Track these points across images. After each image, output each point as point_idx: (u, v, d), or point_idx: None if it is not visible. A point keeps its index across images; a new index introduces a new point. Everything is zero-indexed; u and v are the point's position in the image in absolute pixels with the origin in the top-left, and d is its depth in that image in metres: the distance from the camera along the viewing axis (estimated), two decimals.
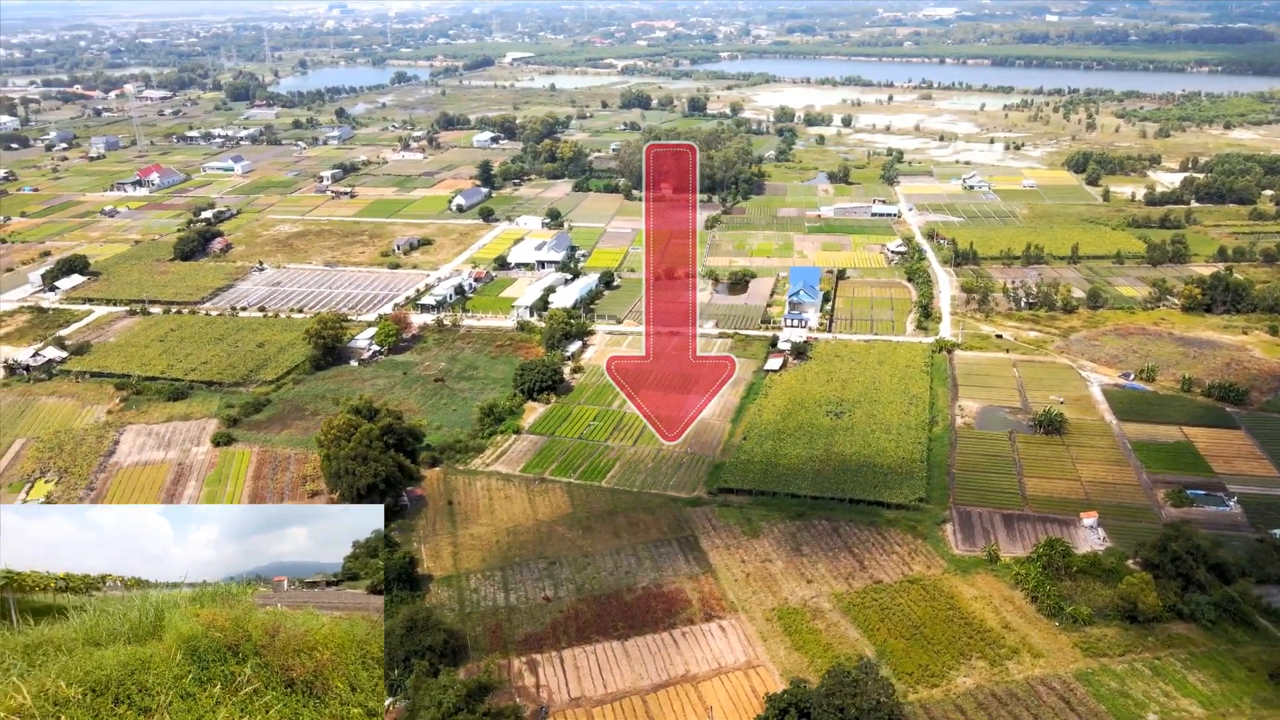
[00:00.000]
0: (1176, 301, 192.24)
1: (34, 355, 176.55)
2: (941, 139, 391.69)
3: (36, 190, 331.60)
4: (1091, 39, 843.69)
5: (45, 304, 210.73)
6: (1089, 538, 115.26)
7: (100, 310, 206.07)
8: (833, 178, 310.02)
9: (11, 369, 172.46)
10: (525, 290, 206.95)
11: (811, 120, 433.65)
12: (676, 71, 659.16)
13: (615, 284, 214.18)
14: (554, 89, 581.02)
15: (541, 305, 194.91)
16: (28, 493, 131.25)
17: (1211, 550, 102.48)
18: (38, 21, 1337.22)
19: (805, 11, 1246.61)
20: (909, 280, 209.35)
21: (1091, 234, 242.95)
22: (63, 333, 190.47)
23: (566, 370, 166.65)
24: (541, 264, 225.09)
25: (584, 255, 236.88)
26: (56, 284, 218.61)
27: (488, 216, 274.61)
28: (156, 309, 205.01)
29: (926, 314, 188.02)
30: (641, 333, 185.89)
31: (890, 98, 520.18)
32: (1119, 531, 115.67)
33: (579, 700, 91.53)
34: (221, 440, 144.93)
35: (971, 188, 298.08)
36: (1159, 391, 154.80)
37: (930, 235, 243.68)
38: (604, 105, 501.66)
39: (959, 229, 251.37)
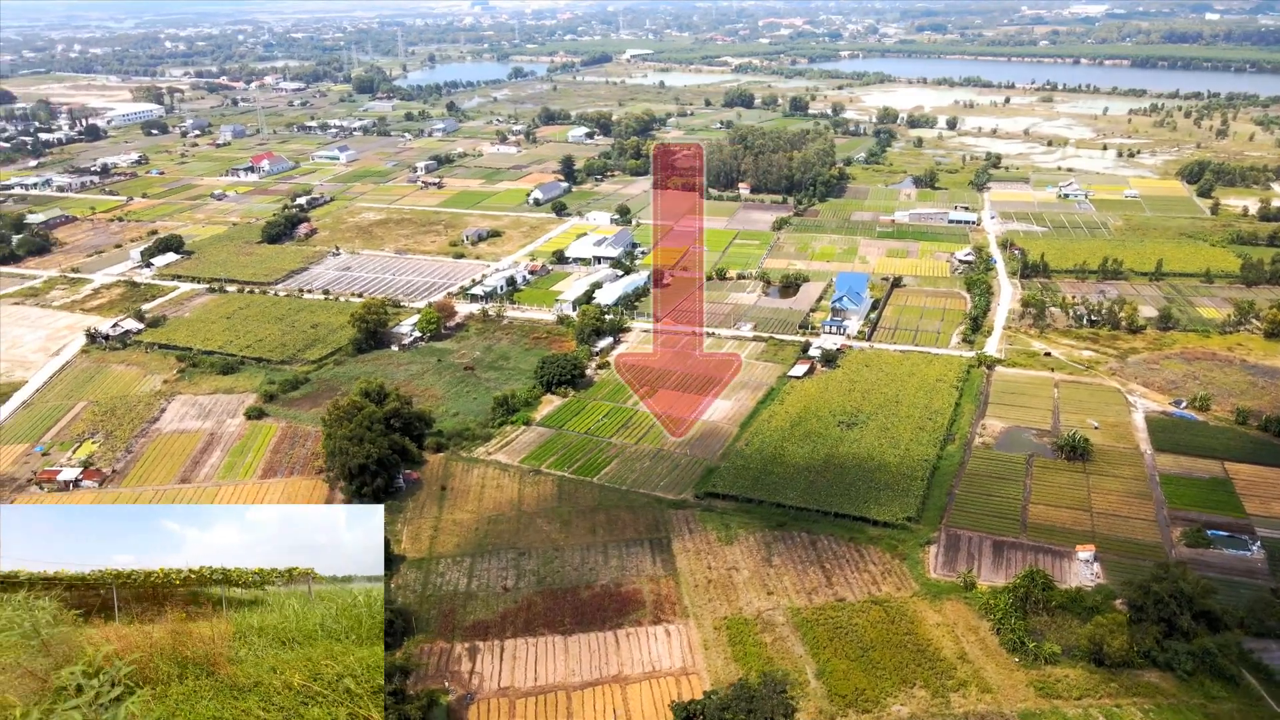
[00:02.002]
0: (1260, 326, 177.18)
1: (113, 326, 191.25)
2: (1050, 144, 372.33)
3: (162, 174, 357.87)
4: (1251, 39, 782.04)
5: (139, 279, 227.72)
6: (1082, 572, 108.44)
7: (185, 287, 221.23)
8: (918, 182, 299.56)
9: (93, 337, 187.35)
10: (572, 285, 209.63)
11: (915, 122, 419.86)
12: (790, 70, 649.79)
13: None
14: (663, 86, 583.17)
15: (585, 300, 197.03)
16: (74, 452, 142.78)
17: (1200, 595, 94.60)
18: (208, 16, 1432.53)
19: (942, 9, 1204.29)
20: (968, 291, 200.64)
21: (1185, 249, 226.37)
22: (146, 306, 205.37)
23: (592, 366, 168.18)
24: (598, 259, 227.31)
25: (644, 252, 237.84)
26: (152, 261, 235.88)
27: (560, 211, 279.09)
28: (232, 288, 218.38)
29: (975, 327, 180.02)
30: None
31: (1007, 99, 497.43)
32: (1118, 568, 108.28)
33: (506, 690, 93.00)
34: (253, 414, 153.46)
35: (1066, 196, 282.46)
36: (1209, 422, 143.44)
37: (1005, 245, 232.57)
38: (707, 103, 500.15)
39: (1038, 239, 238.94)
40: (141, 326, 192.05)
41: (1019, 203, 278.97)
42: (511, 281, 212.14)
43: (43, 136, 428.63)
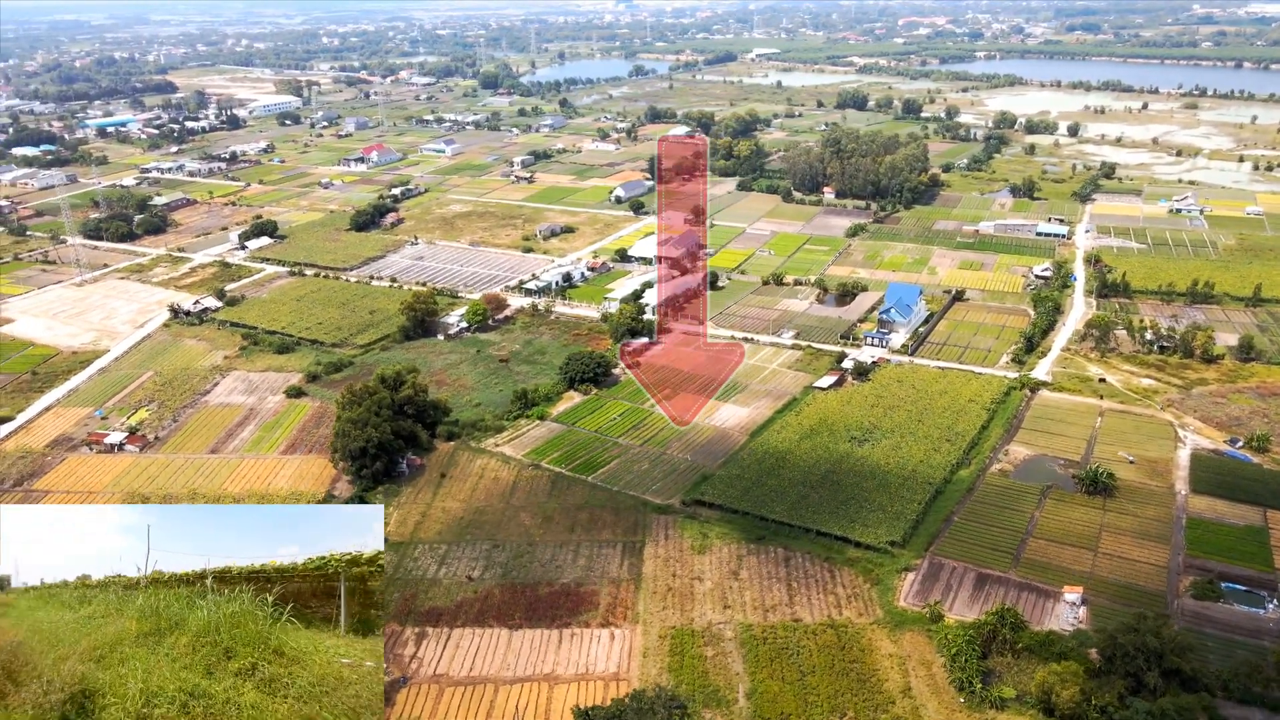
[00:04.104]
0: None
1: (195, 303, 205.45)
2: (1178, 154, 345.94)
3: (283, 162, 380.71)
4: None
5: (232, 260, 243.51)
6: (1065, 615, 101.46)
7: (270, 269, 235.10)
8: (1015, 191, 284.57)
9: (175, 312, 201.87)
10: (625, 283, 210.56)
11: (1033, 128, 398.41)
12: (915, 71, 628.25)
13: (720, 284, 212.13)
14: (780, 86, 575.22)
15: (633, 299, 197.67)
16: (129, 418, 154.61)
17: (1172, 652, 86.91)
18: (369, 14, 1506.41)
19: (1102, 8, 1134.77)
20: (1034, 308, 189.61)
21: None
22: (230, 286, 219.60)
23: (622, 364, 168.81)
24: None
25: (709, 253, 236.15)
26: (247, 244, 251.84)
27: (638, 209, 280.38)
28: (310, 272, 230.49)
29: (1030, 347, 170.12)
30: (716, 335, 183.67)
31: (1144, 105, 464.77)
32: (1108, 614, 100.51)
33: (440, 678, 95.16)
34: (293, 392, 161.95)
35: (1178, 211, 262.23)
36: (1264, 465, 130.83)
37: (1092, 261, 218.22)
38: (819, 104, 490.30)
39: (1132, 257, 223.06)
40: (220, 304, 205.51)
41: (1122, 216, 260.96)
42: (568, 278, 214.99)
43: (188, 125, 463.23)
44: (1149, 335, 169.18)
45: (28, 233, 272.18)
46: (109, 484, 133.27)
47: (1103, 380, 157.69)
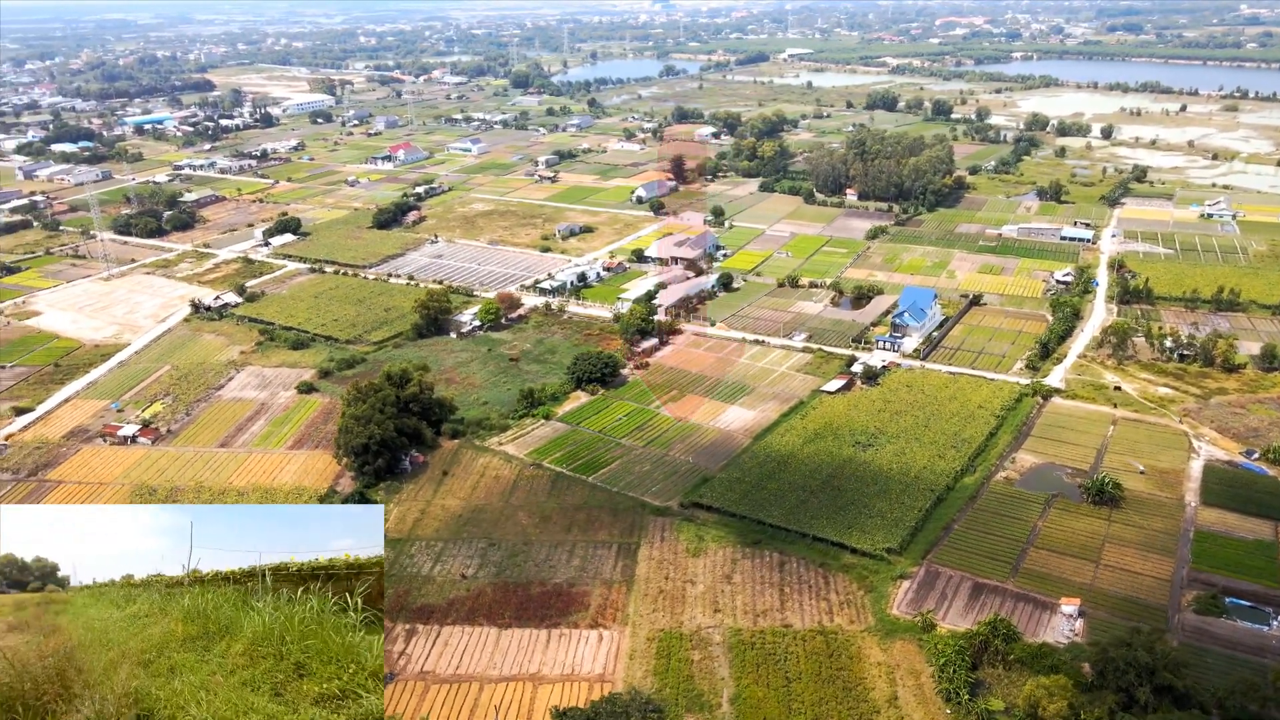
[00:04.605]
0: None
1: (215, 298, 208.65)
2: (1214, 157, 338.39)
3: (312, 160, 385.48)
4: None
5: (255, 256, 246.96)
6: (1061, 627, 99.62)
7: (291, 266, 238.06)
8: (1042, 195, 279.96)
9: (196, 307, 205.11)
10: (639, 284, 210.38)
11: (1065, 130, 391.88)
12: (948, 72, 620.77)
13: (734, 286, 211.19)
14: (810, 86, 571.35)
15: (646, 300, 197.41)
16: (144, 411, 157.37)
17: (1164, 668, 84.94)
18: (406, 13, 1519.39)
19: (1146, 8, 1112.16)
20: (1052, 313, 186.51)
21: None
22: (251, 282, 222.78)
23: (630, 366, 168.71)
24: (674, 260, 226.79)
25: (725, 254, 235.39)
26: (270, 240, 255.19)
27: (658, 210, 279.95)
28: (330, 269, 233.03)
29: (1045, 353, 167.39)
30: (727, 337, 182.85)
31: (1183, 107, 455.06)
32: (1106, 627, 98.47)
33: (426, 674, 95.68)
34: (304, 388, 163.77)
35: (1209, 216, 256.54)
36: (1279, 477, 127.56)
37: (1116, 266, 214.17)
38: (848, 105, 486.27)
39: (1158, 262, 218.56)
40: (240, 300, 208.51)
41: (1151, 221, 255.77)
42: (583, 277, 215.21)
43: (223, 122, 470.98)
44: (1168, 343, 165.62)
45: (60, 227, 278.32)
46: (119, 475, 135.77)
47: (1118, 388, 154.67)
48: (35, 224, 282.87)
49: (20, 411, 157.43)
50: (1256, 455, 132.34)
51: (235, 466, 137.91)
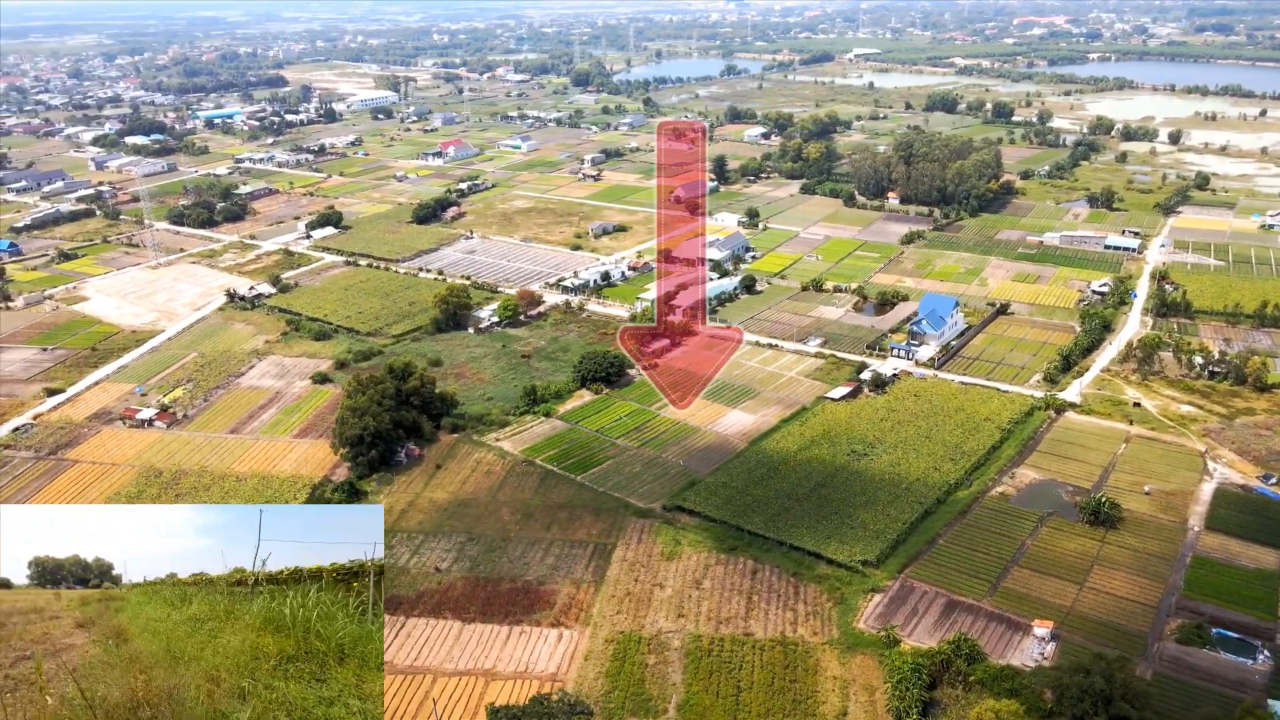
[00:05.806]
0: None
1: (250, 288, 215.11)
2: None
3: (367, 155, 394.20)
4: None
5: (296, 249, 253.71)
6: (1030, 649, 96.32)
7: (329, 258, 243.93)
8: (1092, 201, 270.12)
9: (231, 297, 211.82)
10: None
11: (1130, 134, 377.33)
12: (1018, 73, 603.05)
13: (758, 289, 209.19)
14: (871, 87, 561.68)
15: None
16: (165, 395, 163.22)
17: (1123, 698, 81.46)
18: (483, 12, 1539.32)
19: (1241, 8, 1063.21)
20: (1081, 325, 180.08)
21: None
22: (287, 274, 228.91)
23: (640, 365, 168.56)
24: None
25: (755, 256, 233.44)
26: (312, 233, 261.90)
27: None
28: (364, 262, 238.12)
29: (1066, 366, 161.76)
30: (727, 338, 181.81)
31: (1263, 112, 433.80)
32: (1079, 652, 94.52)
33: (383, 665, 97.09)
34: (318, 379, 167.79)
35: (1271, 227, 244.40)
36: None
37: (1159, 277, 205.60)
38: (907, 106, 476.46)
39: (1206, 274, 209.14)
40: (273, 291, 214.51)
41: (1206, 231, 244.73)
42: (606, 276, 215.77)
43: (288, 118, 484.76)
44: (1198, 359, 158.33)
45: (120, 217, 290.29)
46: (132, 457, 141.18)
47: (1137, 404, 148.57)
48: (98, 213, 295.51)
49: (52, 393, 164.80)
50: (1275, 480, 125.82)
51: (240, 452, 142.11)
